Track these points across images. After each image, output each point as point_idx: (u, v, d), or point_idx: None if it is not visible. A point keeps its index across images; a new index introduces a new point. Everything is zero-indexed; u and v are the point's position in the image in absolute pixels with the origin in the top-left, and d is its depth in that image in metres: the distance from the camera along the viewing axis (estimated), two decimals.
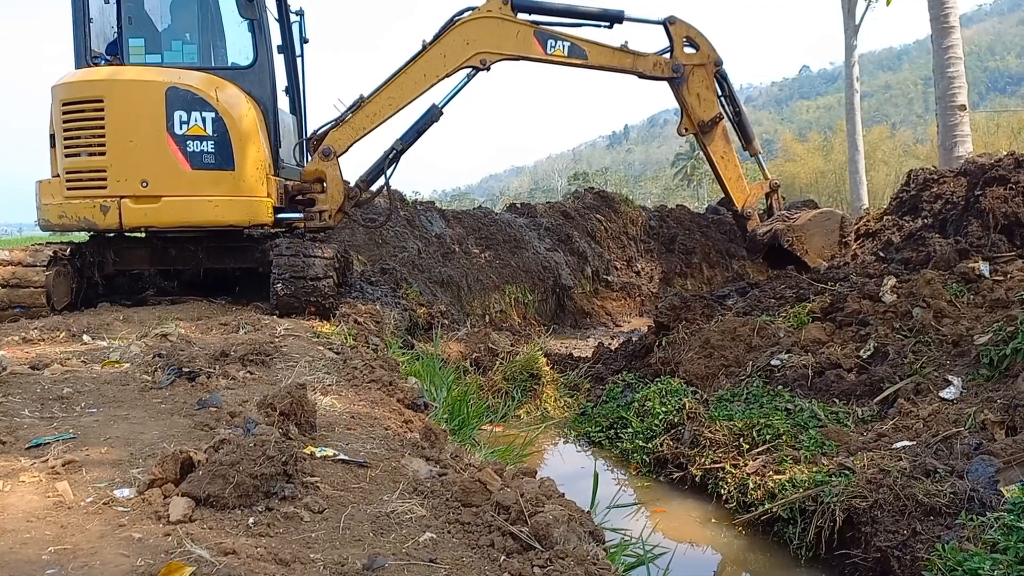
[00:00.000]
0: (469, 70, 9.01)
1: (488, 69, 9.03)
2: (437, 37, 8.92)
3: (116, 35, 7.97)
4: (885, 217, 9.61)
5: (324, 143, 8.70)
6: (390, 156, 9.00)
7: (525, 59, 9.14)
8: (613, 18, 9.40)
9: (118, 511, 2.47)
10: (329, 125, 8.82)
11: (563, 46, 9.16)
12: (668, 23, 9.65)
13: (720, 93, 9.87)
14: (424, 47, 8.88)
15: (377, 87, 8.86)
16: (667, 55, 9.67)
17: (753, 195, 10.17)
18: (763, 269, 12.41)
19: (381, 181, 9.17)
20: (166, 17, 8.24)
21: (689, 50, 9.73)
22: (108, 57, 7.93)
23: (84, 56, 7.74)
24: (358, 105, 8.77)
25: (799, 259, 9.60)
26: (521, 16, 9.07)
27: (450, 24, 8.97)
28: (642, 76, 9.68)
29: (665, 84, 9.87)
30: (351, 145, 8.82)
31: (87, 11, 7.72)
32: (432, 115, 9.06)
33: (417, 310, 10.60)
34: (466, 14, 9.00)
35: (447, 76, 8.95)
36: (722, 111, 9.88)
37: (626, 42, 9.51)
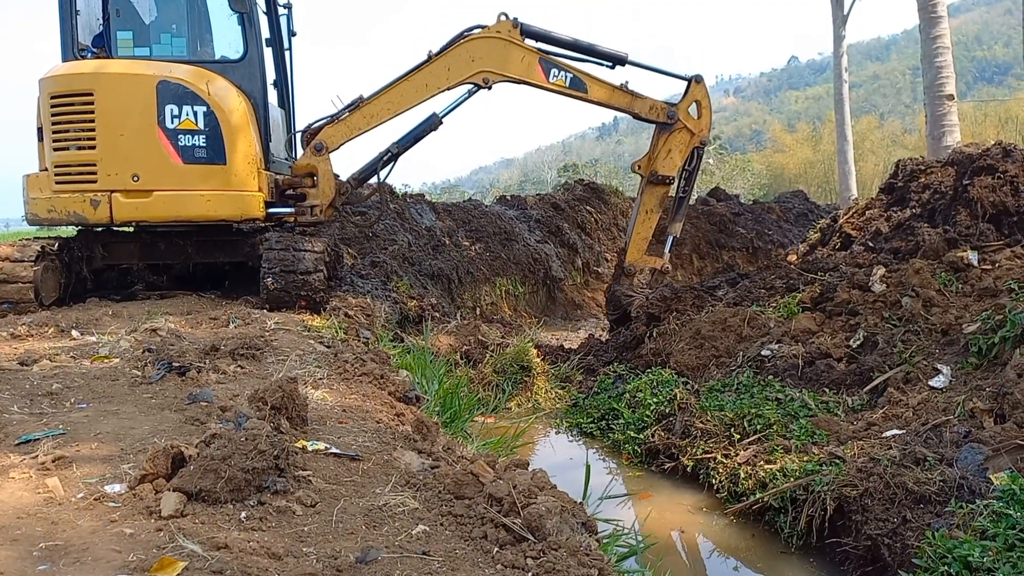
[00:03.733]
0: (471, 86, 9.00)
1: (489, 88, 9.00)
2: (444, 49, 8.90)
3: (102, 28, 7.90)
4: (868, 211, 9.61)
5: (317, 138, 8.66)
6: (385, 158, 8.98)
7: (526, 83, 9.13)
8: (618, 60, 9.46)
9: (109, 507, 2.46)
10: (324, 120, 8.78)
11: (565, 77, 9.19)
12: (695, 80, 9.77)
13: (686, 165, 9.96)
14: (429, 57, 8.85)
15: (378, 90, 8.82)
16: (664, 102, 9.76)
17: (644, 262, 10.20)
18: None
19: (373, 181, 9.16)
20: (153, 10, 8.17)
21: (691, 112, 9.84)
22: (95, 50, 7.86)
23: (71, 49, 7.67)
24: (356, 105, 8.74)
25: None
26: (528, 42, 9.08)
27: (458, 39, 8.95)
28: (636, 117, 9.80)
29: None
30: (344, 143, 8.79)
31: (74, 3, 7.65)
32: (432, 123, 9.05)
33: (407, 303, 10.59)
34: (475, 31, 8.97)
35: (448, 89, 8.93)
36: (675, 179, 9.97)
37: (626, 82, 9.56)
